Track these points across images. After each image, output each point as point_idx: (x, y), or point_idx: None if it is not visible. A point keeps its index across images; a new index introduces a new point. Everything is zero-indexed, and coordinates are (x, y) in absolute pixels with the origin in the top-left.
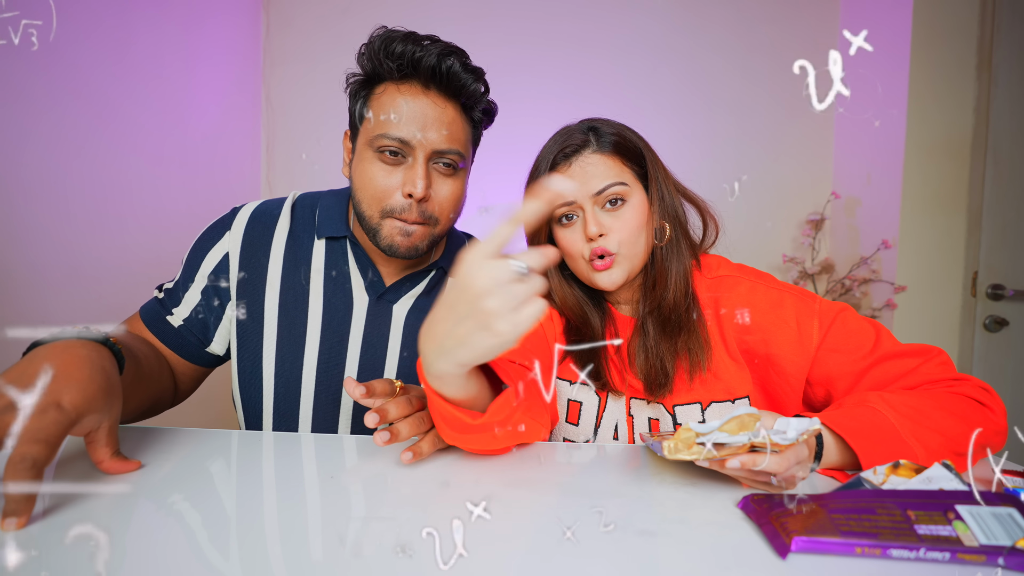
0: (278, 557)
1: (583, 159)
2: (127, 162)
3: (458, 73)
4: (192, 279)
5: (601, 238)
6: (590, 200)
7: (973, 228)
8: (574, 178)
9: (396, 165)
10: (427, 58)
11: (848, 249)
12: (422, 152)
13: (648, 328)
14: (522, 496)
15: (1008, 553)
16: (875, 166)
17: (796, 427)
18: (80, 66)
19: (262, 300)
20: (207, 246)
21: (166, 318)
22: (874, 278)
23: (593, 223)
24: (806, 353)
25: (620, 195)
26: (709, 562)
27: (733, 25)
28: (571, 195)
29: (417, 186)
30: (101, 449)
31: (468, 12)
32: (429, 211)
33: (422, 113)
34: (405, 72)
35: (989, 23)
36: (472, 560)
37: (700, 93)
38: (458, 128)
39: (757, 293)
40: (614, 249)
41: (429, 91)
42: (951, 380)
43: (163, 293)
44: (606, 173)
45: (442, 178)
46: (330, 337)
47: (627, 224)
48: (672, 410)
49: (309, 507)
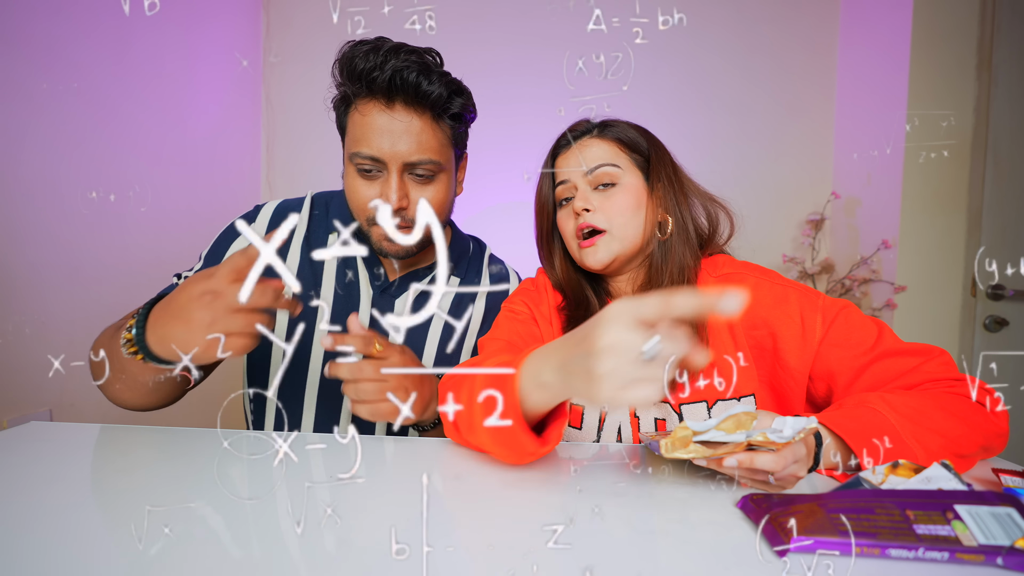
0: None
1: (582, 143)
2: (127, 162)
3: (418, 84)
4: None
5: (587, 213)
6: (583, 179)
7: (973, 228)
8: (570, 158)
9: (373, 179)
10: (383, 74)
11: (848, 249)
12: (394, 166)
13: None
14: (522, 495)
15: (1007, 553)
16: (875, 166)
17: (793, 426)
18: (80, 65)
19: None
20: (231, 238)
21: None
22: (874, 278)
23: (580, 199)
24: (809, 347)
25: (611, 177)
26: (708, 562)
27: (733, 25)
28: (566, 175)
29: (391, 199)
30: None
31: (468, 12)
32: (410, 216)
33: (388, 129)
34: (370, 88)
35: (989, 23)
36: (472, 560)
37: (700, 93)
38: (428, 136)
39: (762, 289)
40: (602, 225)
41: (393, 106)
42: (953, 380)
43: (182, 279)
44: (601, 156)
45: (419, 186)
46: (337, 324)
47: (615, 204)
48: (678, 409)
49: (318, 504)
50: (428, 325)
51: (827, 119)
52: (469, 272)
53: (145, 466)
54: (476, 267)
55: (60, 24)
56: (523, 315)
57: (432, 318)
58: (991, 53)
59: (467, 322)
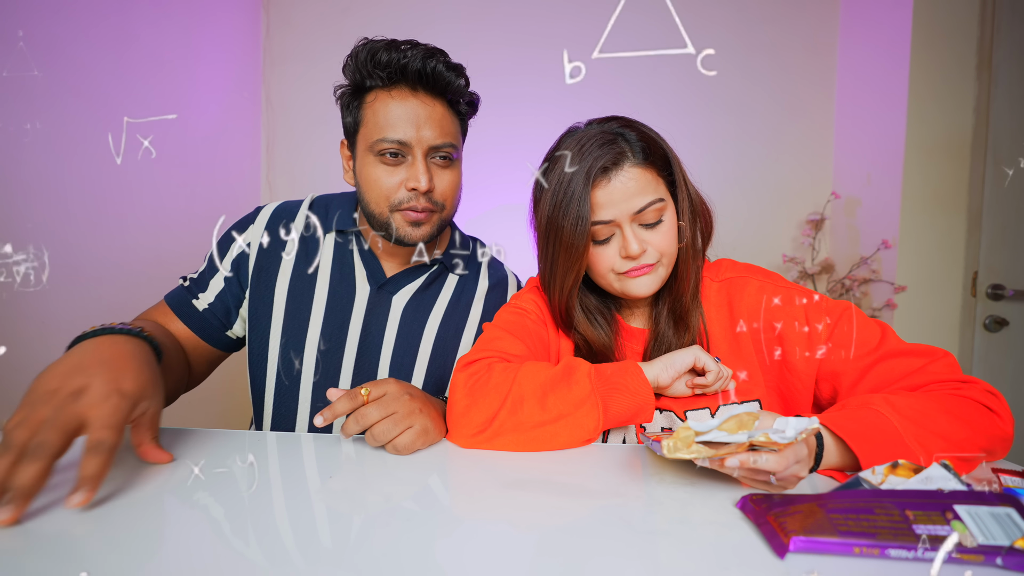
0: (292, 546)
1: (622, 174)
2: (127, 162)
3: (442, 72)
4: (217, 268)
5: (642, 254)
6: (628, 218)
7: (973, 228)
8: (614, 195)
9: (397, 165)
10: (412, 63)
11: (848, 249)
12: (419, 149)
13: (663, 328)
14: (522, 496)
15: (1006, 553)
16: (875, 166)
17: (795, 426)
18: (81, 65)
19: (273, 286)
20: (233, 238)
21: (192, 302)
22: (874, 278)
23: (634, 241)
24: (814, 350)
25: (657, 214)
26: (709, 562)
27: (733, 25)
28: (609, 215)
29: (420, 181)
30: (144, 432)
31: (468, 12)
32: (435, 198)
33: (414, 114)
34: (394, 78)
35: (989, 23)
36: (471, 560)
37: (700, 93)
38: (448, 123)
39: (767, 291)
40: (653, 260)
41: (417, 92)
42: (958, 382)
43: (188, 282)
44: (644, 189)
45: (440, 170)
46: (332, 323)
47: (664, 237)
48: (683, 416)
49: (314, 502)
50: (424, 325)
51: (827, 119)
52: (467, 270)
53: (145, 465)
54: (475, 268)
55: (60, 23)
56: (533, 315)
57: (427, 323)
58: (991, 53)
59: (464, 321)
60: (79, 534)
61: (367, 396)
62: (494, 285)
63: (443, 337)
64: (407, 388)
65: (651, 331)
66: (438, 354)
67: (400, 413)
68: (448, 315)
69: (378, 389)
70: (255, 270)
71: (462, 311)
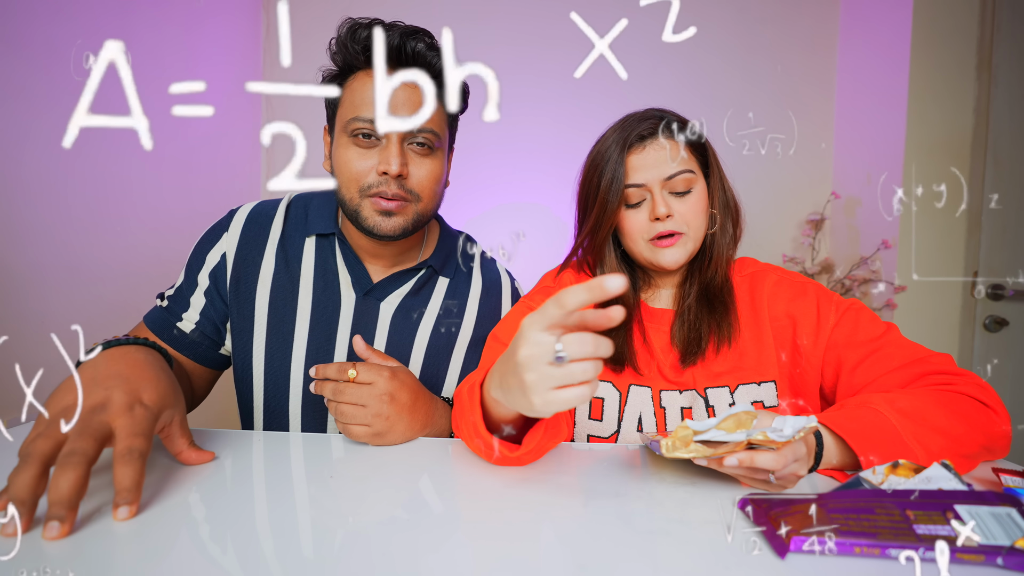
0: (271, 553)
1: (657, 143)
2: (127, 162)
3: (423, 53)
4: (196, 283)
5: (669, 219)
6: (659, 184)
7: (973, 228)
8: (647, 160)
9: (371, 148)
10: (390, 39)
11: (848, 249)
12: (395, 132)
13: (691, 303)
14: (522, 495)
15: (1007, 553)
16: (875, 166)
17: (793, 425)
18: (80, 64)
19: (253, 298)
20: (206, 248)
21: (176, 324)
22: (874, 278)
23: (662, 204)
24: (822, 335)
25: (688, 183)
26: (708, 562)
27: (733, 25)
28: (642, 179)
29: (392, 164)
30: (178, 440)
31: (468, 12)
32: (409, 187)
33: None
34: (372, 56)
35: (989, 23)
36: (470, 559)
37: (700, 93)
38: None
39: (784, 284)
40: (681, 229)
41: (396, 72)
42: (952, 374)
43: (166, 301)
44: (676, 158)
45: (418, 158)
46: (318, 334)
47: (692, 208)
48: (704, 393)
49: (299, 505)
50: (415, 333)
51: (827, 119)
52: (458, 272)
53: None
54: (467, 266)
55: (60, 24)
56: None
57: (419, 326)
58: (991, 53)
59: (457, 327)
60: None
61: (353, 378)
62: (488, 287)
63: (435, 346)
64: (396, 389)
65: (676, 310)
66: (430, 363)
67: (369, 409)
68: (440, 322)
69: (367, 375)
70: (232, 282)
71: (454, 317)
